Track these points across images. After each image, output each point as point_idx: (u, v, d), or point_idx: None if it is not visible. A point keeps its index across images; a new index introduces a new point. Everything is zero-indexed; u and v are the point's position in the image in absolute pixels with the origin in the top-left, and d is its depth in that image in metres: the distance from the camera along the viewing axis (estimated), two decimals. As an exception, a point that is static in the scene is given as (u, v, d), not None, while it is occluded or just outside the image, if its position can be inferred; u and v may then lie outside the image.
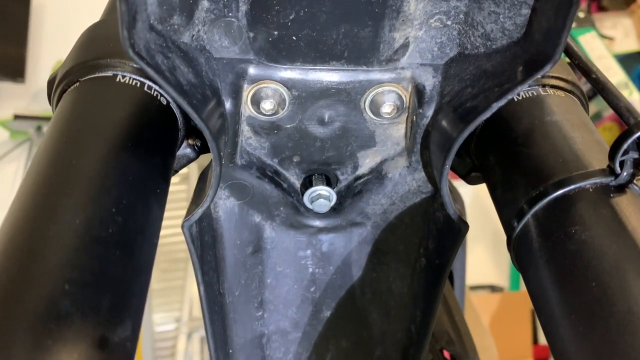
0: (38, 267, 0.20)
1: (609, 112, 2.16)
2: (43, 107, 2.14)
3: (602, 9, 2.26)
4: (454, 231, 0.33)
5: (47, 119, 2.04)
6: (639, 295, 0.21)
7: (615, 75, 1.95)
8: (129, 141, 0.26)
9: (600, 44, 2.02)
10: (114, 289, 0.21)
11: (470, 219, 0.54)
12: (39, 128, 2.05)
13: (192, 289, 1.71)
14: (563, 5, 0.23)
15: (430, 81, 0.32)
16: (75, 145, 0.25)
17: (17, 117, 1.99)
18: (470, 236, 0.58)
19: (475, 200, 1.69)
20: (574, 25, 0.23)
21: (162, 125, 0.29)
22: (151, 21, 0.25)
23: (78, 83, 0.29)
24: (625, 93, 1.92)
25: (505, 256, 1.88)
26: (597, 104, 2.18)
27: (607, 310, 0.21)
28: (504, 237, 0.29)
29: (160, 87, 0.29)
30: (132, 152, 0.26)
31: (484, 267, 1.79)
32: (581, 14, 2.03)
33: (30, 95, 2.18)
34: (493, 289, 1.79)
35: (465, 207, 0.50)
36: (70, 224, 0.21)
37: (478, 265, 1.78)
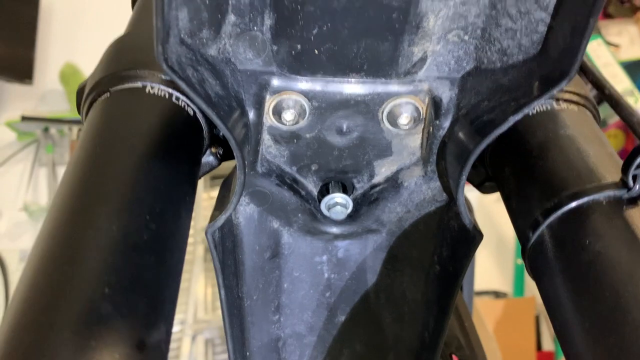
0: (79, 272, 0.21)
1: (614, 119, 2.17)
2: (50, 108, 2.16)
3: (608, 16, 2.27)
4: (468, 240, 0.34)
5: (54, 120, 2.05)
6: None
7: (621, 82, 1.95)
8: (159, 151, 0.27)
9: (606, 51, 2.03)
10: (149, 293, 0.22)
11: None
12: (46, 129, 2.07)
13: (197, 292, 1.72)
14: (579, 25, 0.24)
15: (447, 94, 0.33)
16: (109, 155, 0.26)
17: (24, 118, 2.00)
18: None
19: (480, 206, 1.70)
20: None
21: (189, 135, 0.30)
22: (182, 35, 0.26)
23: (108, 93, 0.30)
24: (631, 101, 1.92)
25: (510, 262, 1.89)
26: (602, 111, 2.19)
27: (621, 319, 0.22)
28: (508, 243, 0.30)
29: (190, 99, 0.30)
30: (163, 162, 0.27)
31: (488, 273, 1.79)
32: (587, 21, 2.03)
33: (38, 96, 2.19)
34: (497, 294, 1.79)
35: (473, 213, 0.51)
36: (107, 231, 0.22)
37: (482, 271, 1.78)
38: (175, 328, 1.73)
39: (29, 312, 0.20)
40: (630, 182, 0.26)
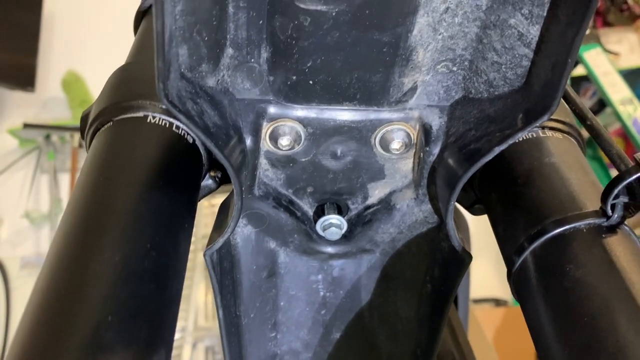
0: (84, 302, 0.22)
1: (614, 127, 2.17)
2: (52, 116, 2.17)
3: (607, 24, 2.28)
4: (458, 261, 0.35)
5: (56, 127, 2.06)
6: (627, 333, 0.23)
7: (620, 91, 1.95)
8: (160, 180, 0.28)
9: (606, 60, 2.03)
10: (150, 320, 0.23)
11: (473, 231, 0.56)
12: (47, 137, 2.08)
13: (198, 299, 1.73)
14: (559, 62, 0.26)
15: (436, 121, 0.34)
16: (111, 184, 0.27)
17: (26, 125, 2.01)
18: (474, 249, 0.60)
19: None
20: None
21: (189, 162, 0.31)
22: (182, 70, 0.28)
23: (111, 122, 0.31)
24: (630, 109, 1.92)
25: (509, 270, 1.90)
26: (602, 119, 2.20)
27: (598, 346, 0.23)
28: None
29: (190, 130, 0.31)
30: (163, 191, 0.28)
31: (487, 281, 1.80)
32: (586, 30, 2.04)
33: (40, 104, 2.21)
34: (497, 302, 1.80)
35: (469, 220, 0.52)
36: (110, 261, 0.24)
37: (482, 278, 1.79)
38: (176, 335, 1.74)
39: (35, 340, 0.21)
40: (609, 211, 0.27)
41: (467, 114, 0.32)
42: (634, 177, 0.26)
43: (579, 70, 2.02)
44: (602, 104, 2.14)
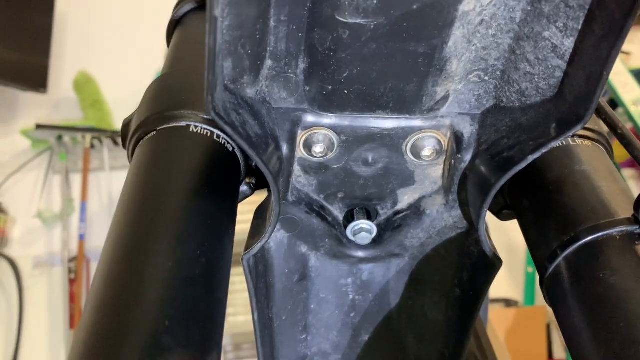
0: (141, 306, 0.23)
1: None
2: (64, 116, 2.19)
3: (617, 24, 2.27)
4: (488, 266, 0.36)
5: (68, 128, 2.08)
6: None
7: (631, 91, 1.94)
8: (205, 187, 0.29)
9: (617, 60, 2.02)
10: (202, 323, 0.24)
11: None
12: (59, 137, 2.10)
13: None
14: (594, 75, 0.26)
15: (468, 129, 0.35)
16: (160, 193, 0.28)
17: (38, 126, 2.03)
18: None
19: (490, 215, 1.71)
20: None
21: (229, 170, 0.33)
22: (226, 82, 0.29)
23: (155, 132, 0.32)
24: (640, 109, 1.91)
25: (520, 270, 1.90)
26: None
27: (635, 349, 0.24)
28: (519, 252, 0.32)
29: (234, 141, 0.32)
30: (208, 197, 0.29)
31: (498, 281, 1.80)
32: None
33: (52, 105, 2.23)
34: (508, 303, 1.80)
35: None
36: (164, 266, 0.25)
37: (492, 279, 1.79)
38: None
39: (95, 348, 0.22)
40: (642, 219, 0.28)
41: (499, 122, 0.33)
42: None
43: (589, 71, 2.01)
44: (613, 104, 2.14)
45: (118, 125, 2.17)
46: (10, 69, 2.06)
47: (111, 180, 2.11)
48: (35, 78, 2.10)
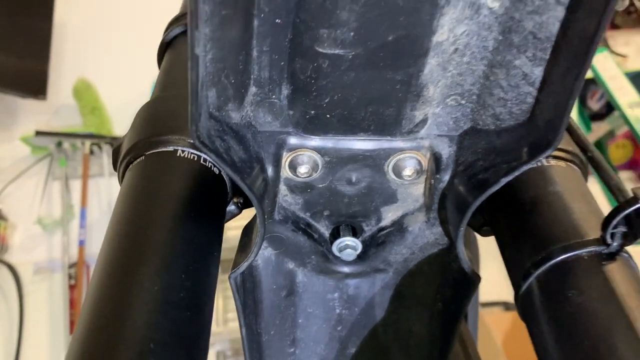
0: (127, 329, 0.24)
1: (622, 130, 2.18)
2: (64, 123, 2.20)
3: (614, 26, 2.29)
4: (467, 281, 0.37)
5: (67, 135, 2.09)
6: (625, 357, 0.25)
7: (627, 94, 1.94)
8: (191, 211, 0.30)
9: (613, 64, 2.03)
10: (187, 346, 0.26)
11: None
12: (59, 144, 2.11)
13: (209, 304, 1.75)
14: (561, 103, 0.28)
15: (446, 150, 0.36)
16: (147, 217, 0.29)
17: (38, 133, 2.04)
18: (483, 252, 0.61)
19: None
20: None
21: (216, 192, 0.34)
22: (210, 110, 0.30)
23: (143, 157, 0.33)
24: (638, 112, 1.91)
25: (516, 273, 1.90)
26: (610, 122, 2.20)
27: None
28: None
29: (219, 167, 0.34)
30: (195, 221, 0.30)
31: (497, 284, 1.81)
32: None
33: (52, 111, 2.24)
34: (506, 306, 1.81)
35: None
36: (150, 290, 0.26)
37: (491, 282, 1.80)
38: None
39: None
40: (609, 239, 0.29)
41: (476, 144, 0.34)
42: (632, 209, 0.28)
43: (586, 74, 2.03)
44: (610, 107, 2.15)
45: (117, 132, 2.19)
46: (9, 75, 2.07)
47: (111, 186, 2.12)
48: (34, 85, 2.11)
